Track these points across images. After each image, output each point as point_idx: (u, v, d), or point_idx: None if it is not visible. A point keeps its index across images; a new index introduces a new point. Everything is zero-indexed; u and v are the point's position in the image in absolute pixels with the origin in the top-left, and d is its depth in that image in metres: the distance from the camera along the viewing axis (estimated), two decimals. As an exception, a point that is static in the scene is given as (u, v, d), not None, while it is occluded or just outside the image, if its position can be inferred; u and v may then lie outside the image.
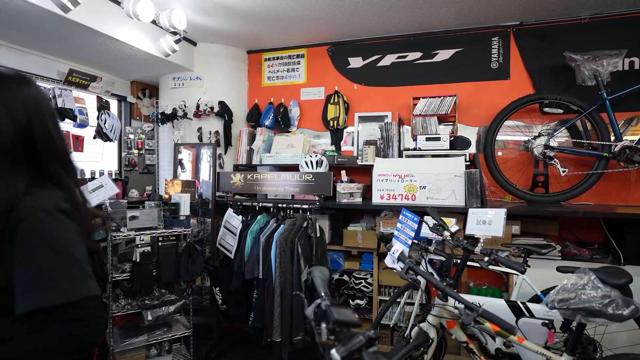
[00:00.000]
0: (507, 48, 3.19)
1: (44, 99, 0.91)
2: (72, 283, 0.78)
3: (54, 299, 0.75)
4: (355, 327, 1.04)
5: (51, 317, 0.77)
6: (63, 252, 0.79)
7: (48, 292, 0.75)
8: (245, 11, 2.92)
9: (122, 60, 3.22)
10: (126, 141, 3.87)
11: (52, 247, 0.78)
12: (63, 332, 0.77)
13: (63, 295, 0.76)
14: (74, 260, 0.80)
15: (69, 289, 0.77)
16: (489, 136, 3.01)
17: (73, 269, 0.80)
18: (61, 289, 0.76)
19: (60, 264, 0.78)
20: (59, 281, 0.77)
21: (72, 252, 0.81)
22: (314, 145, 3.64)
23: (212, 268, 2.88)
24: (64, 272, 0.78)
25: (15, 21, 2.36)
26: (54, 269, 0.77)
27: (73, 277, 0.79)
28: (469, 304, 1.42)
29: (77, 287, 0.79)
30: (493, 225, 2.05)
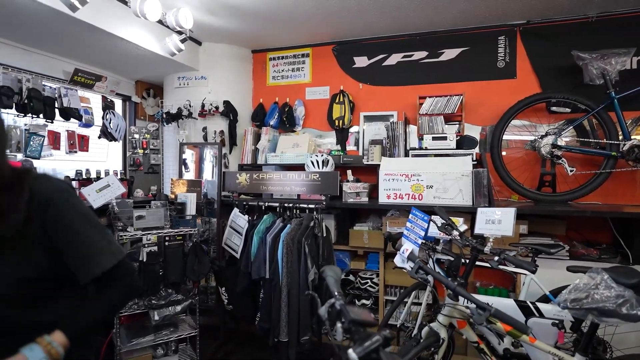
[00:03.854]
0: (514, 47, 3.17)
1: None
2: (114, 245, 0.91)
3: (111, 261, 0.88)
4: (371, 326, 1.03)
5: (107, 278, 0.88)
6: (94, 222, 0.90)
7: (104, 257, 0.87)
8: (250, 11, 2.91)
9: (127, 59, 3.21)
10: (131, 141, 3.87)
11: (87, 219, 0.88)
12: (122, 286, 0.90)
13: (114, 256, 0.89)
14: (103, 228, 0.92)
15: (115, 250, 0.90)
16: (496, 135, 2.99)
17: (108, 235, 0.92)
18: (110, 253, 0.88)
19: (98, 232, 0.89)
20: (106, 247, 0.89)
21: (98, 221, 0.92)
22: (319, 145, 3.63)
23: (218, 268, 2.88)
24: (104, 239, 0.90)
25: (22, 21, 2.36)
26: (98, 239, 0.88)
27: (111, 241, 0.91)
28: (481, 304, 1.40)
29: (117, 249, 0.91)
30: (503, 225, 2.04)
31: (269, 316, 2.59)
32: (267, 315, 2.61)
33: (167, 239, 2.55)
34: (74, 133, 3.21)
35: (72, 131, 3.19)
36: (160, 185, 3.89)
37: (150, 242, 2.46)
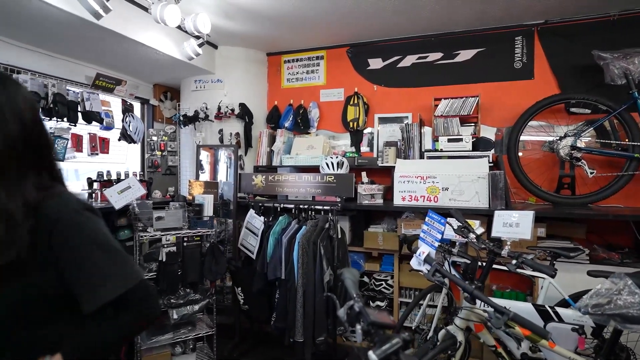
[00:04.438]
0: (531, 47, 3.13)
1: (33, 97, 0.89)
2: (126, 271, 0.83)
3: (117, 290, 0.80)
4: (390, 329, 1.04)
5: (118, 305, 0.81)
6: (106, 246, 0.83)
7: (110, 286, 0.79)
8: (265, 14, 2.95)
9: (146, 64, 3.29)
10: (149, 143, 3.96)
11: (97, 243, 0.82)
12: (134, 312, 0.83)
13: (122, 284, 0.81)
14: (117, 251, 0.84)
15: (126, 277, 0.82)
16: (513, 137, 2.96)
17: (122, 258, 0.84)
18: (119, 280, 0.81)
19: (109, 257, 0.82)
20: (115, 274, 0.81)
21: (113, 244, 0.85)
22: (333, 147, 3.65)
23: (234, 268, 2.92)
24: (116, 264, 0.82)
25: (50, 29, 2.45)
26: (107, 264, 0.81)
27: (124, 265, 0.84)
28: (500, 308, 1.40)
29: (131, 274, 0.84)
30: (520, 228, 2.02)
31: (285, 316, 2.62)
32: (282, 316, 2.64)
33: (185, 239, 2.60)
34: (96, 136, 3.31)
35: (94, 134, 3.29)
36: (178, 186, 3.97)
37: (169, 243, 2.51)
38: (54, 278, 0.79)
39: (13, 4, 2.11)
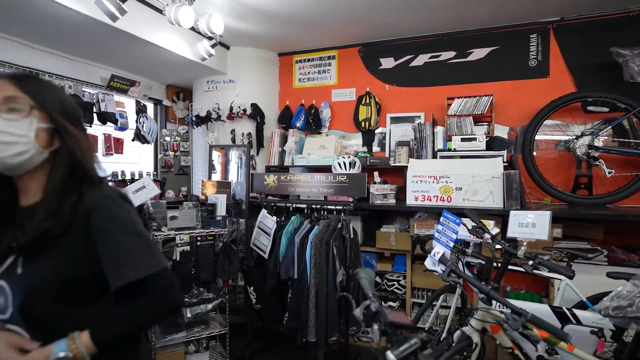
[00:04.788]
0: (547, 45, 3.08)
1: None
2: (150, 258, 0.89)
3: (141, 272, 0.85)
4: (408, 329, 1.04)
5: (140, 288, 0.86)
6: (135, 233, 0.89)
7: (134, 267, 0.85)
8: (277, 15, 2.96)
9: (159, 65, 3.33)
10: (162, 143, 4.00)
11: (126, 229, 0.88)
12: (153, 299, 0.88)
13: (146, 268, 0.86)
14: (145, 239, 0.91)
15: (150, 263, 0.88)
16: (528, 136, 2.92)
17: (148, 246, 0.90)
18: (144, 264, 0.87)
19: (136, 243, 0.88)
20: (140, 257, 0.87)
21: (142, 232, 0.91)
22: (345, 147, 3.65)
23: (246, 268, 2.93)
24: (142, 250, 0.88)
25: (67, 31, 2.50)
26: (133, 248, 0.87)
27: (149, 252, 0.90)
28: (517, 309, 1.38)
29: (155, 261, 0.89)
30: (537, 228, 1.98)
31: (297, 316, 2.62)
32: (295, 315, 2.64)
33: (198, 239, 2.63)
34: (110, 136, 3.36)
35: (109, 134, 3.34)
36: (190, 186, 4.01)
37: (183, 242, 2.54)
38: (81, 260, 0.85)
39: (33, 8, 2.15)
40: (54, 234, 0.83)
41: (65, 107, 0.90)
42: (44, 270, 0.83)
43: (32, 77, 0.90)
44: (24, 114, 0.84)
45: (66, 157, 0.88)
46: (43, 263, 0.83)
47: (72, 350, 0.81)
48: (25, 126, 0.83)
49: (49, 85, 0.91)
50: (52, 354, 0.80)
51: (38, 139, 0.85)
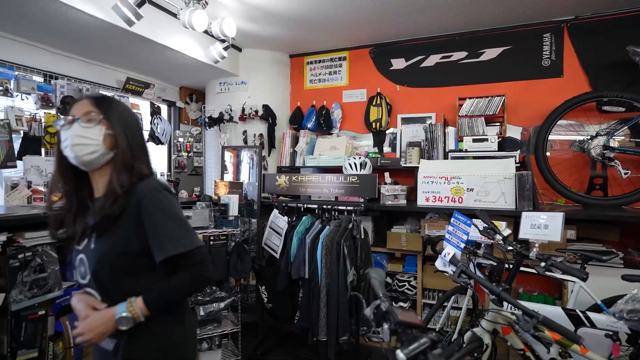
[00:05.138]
0: (560, 44, 3.04)
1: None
2: (187, 238, 1.10)
3: (179, 249, 1.07)
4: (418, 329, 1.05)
5: (179, 263, 1.09)
6: (176, 218, 1.11)
7: (174, 244, 1.07)
8: (289, 16, 2.99)
9: (173, 67, 3.39)
10: (176, 144, 4.07)
11: (168, 214, 1.10)
12: (191, 272, 1.10)
13: (183, 245, 1.08)
14: (184, 223, 1.12)
15: (187, 241, 1.09)
16: (541, 136, 2.89)
17: (185, 228, 1.12)
18: (181, 242, 1.08)
19: (177, 226, 1.10)
20: (179, 237, 1.09)
21: (181, 217, 1.13)
22: (356, 147, 3.66)
23: (258, 267, 2.97)
24: (180, 231, 1.10)
25: (85, 36, 2.57)
26: (174, 229, 1.09)
27: (186, 233, 1.11)
28: (528, 311, 1.38)
29: (191, 240, 1.10)
30: (549, 230, 1.97)
31: (308, 315, 2.64)
32: (306, 315, 2.67)
33: (211, 238, 2.67)
34: (126, 137, 3.43)
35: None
36: (203, 186, 4.07)
37: (196, 241, 2.58)
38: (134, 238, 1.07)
39: (55, 15, 2.23)
40: (113, 217, 1.06)
41: (125, 119, 1.15)
42: (106, 245, 1.07)
43: (103, 97, 1.17)
44: (96, 123, 1.09)
45: (122, 157, 1.11)
46: (106, 240, 1.07)
47: (130, 311, 1.04)
48: (96, 132, 1.09)
49: (113, 102, 1.16)
50: (116, 313, 1.03)
51: (105, 142, 1.10)
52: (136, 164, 1.13)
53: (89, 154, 1.08)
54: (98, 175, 1.14)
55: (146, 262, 1.09)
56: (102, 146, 1.09)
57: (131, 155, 1.12)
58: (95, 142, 1.08)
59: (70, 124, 1.10)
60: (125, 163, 1.11)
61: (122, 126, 1.13)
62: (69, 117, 1.11)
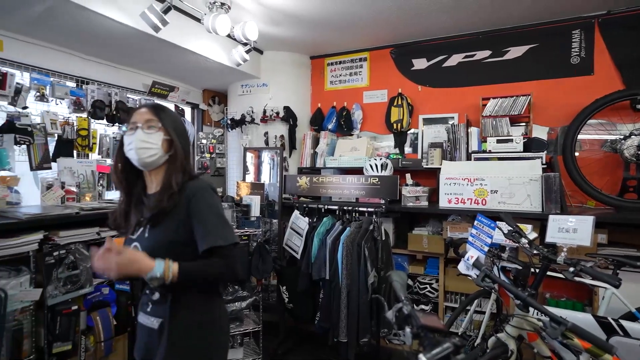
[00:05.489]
0: (591, 41, 2.93)
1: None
2: (227, 233, 1.23)
3: (219, 241, 1.20)
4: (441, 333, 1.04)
5: (217, 253, 1.21)
6: (219, 214, 1.26)
7: (216, 237, 1.20)
8: (309, 19, 3.01)
9: (196, 70, 3.47)
10: (199, 146, 4.16)
11: (213, 211, 1.24)
12: (224, 263, 1.21)
13: (223, 239, 1.21)
14: (225, 220, 1.27)
15: (227, 236, 1.22)
16: (569, 136, 2.79)
17: (227, 225, 1.26)
18: (222, 236, 1.21)
19: (219, 221, 1.24)
20: (221, 232, 1.22)
21: (223, 214, 1.27)
22: (377, 148, 3.64)
23: (279, 267, 3.00)
24: (222, 227, 1.23)
25: (113, 42, 2.67)
26: (217, 224, 1.23)
27: (227, 230, 1.25)
28: (556, 317, 1.34)
29: (230, 236, 1.24)
30: (579, 234, 1.90)
31: (329, 316, 2.65)
32: (326, 316, 2.68)
33: (233, 238, 2.72)
34: (152, 140, 3.53)
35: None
36: (225, 187, 4.14)
37: (219, 241, 2.63)
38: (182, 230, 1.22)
39: (86, 23, 2.32)
40: (167, 210, 1.21)
41: (177, 126, 1.30)
42: (159, 235, 1.22)
43: (160, 106, 1.32)
44: (156, 130, 1.25)
45: (174, 159, 1.26)
46: (159, 230, 1.22)
47: (164, 273, 1.13)
48: (156, 138, 1.25)
49: (168, 111, 1.32)
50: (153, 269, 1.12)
51: (162, 146, 1.26)
52: (187, 165, 1.30)
53: (150, 156, 1.24)
54: (154, 175, 1.29)
55: (191, 251, 1.22)
56: (160, 149, 1.25)
57: (184, 157, 1.29)
58: (155, 146, 1.24)
59: (134, 130, 1.24)
60: (181, 164, 1.27)
61: (177, 133, 1.28)
62: (131, 124, 1.26)
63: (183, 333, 1.22)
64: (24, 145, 2.36)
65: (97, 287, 2.17)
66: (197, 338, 1.24)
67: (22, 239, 1.81)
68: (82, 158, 2.79)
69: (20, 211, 1.99)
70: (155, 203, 1.22)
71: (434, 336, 1.00)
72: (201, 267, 1.21)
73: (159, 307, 1.25)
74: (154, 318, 1.25)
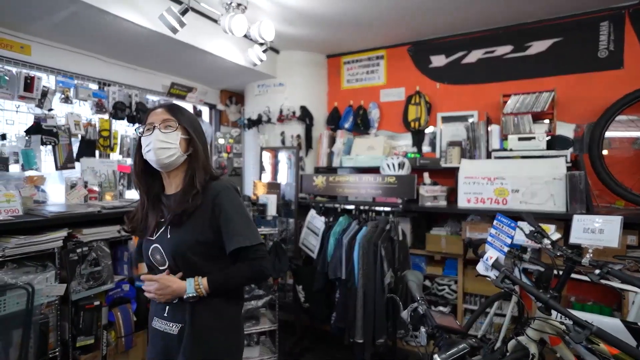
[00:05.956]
0: (620, 33, 2.81)
1: None
2: (253, 233, 1.23)
3: (245, 242, 1.19)
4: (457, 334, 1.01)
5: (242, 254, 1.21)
6: (244, 214, 1.25)
7: (242, 238, 1.20)
8: (326, 17, 3.00)
9: (214, 71, 3.52)
10: (216, 145, 4.22)
11: (238, 211, 1.23)
12: (253, 264, 1.22)
13: (249, 240, 1.20)
14: (250, 220, 1.26)
15: (252, 236, 1.22)
16: (596, 134, 2.68)
17: (252, 225, 1.26)
18: (247, 236, 1.20)
19: (244, 221, 1.23)
20: (247, 232, 1.21)
21: (248, 214, 1.27)
22: (394, 147, 3.60)
23: (295, 267, 3.01)
24: (248, 227, 1.23)
25: (133, 44, 2.73)
26: (243, 224, 1.22)
27: (252, 229, 1.24)
28: (581, 321, 1.28)
29: (256, 236, 1.23)
30: (605, 235, 1.82)
31: (345, 316, 2.64)
32: (342, 316, 2.66)
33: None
34: (171, 140, 3.60)
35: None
36: (242, 186, 4.18)
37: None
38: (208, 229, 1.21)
39: (107, 26, 2.39)
40: (191, 210, 1.19)
41: (194, 125, 1.27)
42: (183, 235, 1.20)
43: (176, 106, 1.30)
44: (174, 129, 1.22)
45: (195, 158, 1.25)
46: (183, 230, 1.20)
47: (196, 290, 1.16)
48: (174, 137, 1.21)
49: (183, 110, 1.29)
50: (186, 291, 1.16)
51: (181, 146, 1.23)
52: (208, 165, 1.28)
53: (169, 156, 1.21)
54: (173, 176, 1.27)
55: (218, 250, 1.23)
56: (179, 149, 1.22)
57: (204, 155, 1.27)
58: (174, 146, 1.21)
59: (151, 131, 1.22)
60: (203, 163, 1.25)
61: (194, 131, 1.26)
62: (148, 125, 1.23)
63: (206, 336, 1.21)
64: (50, 146, 2.44)
65: (117, 284, 2.23)
66: (220, 340, 1.23)
67: (47, 236, 1.88)
68: (104, 158, 2.86)
69: (46, 209, 2.06)
70: (178, 204, 1.20)
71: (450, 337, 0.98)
72: (229, 275, 1.21)
73: (177, 311, 1.23)
74: (173, 323, 1.23)
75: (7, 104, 2.38)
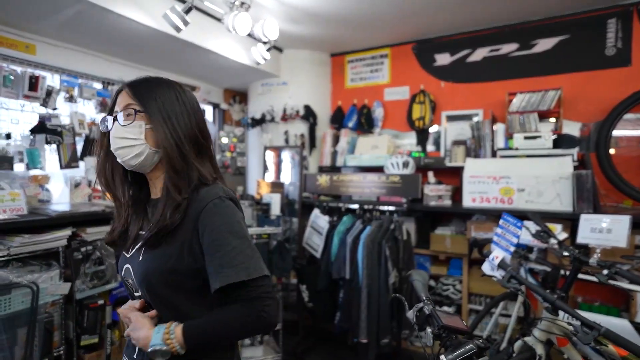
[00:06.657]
0: (628, 30, 2.77)
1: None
2: (252, 262, 0.85)
3: (241, 275, 0.82)
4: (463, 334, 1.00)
5: (236, 292, 0.84)
6: (239, 235, 0.87)
7: (233, 271, 0.83)
8: (329, 16, 2.98)
9: (217, 70, 3.52)
10: (220, 145, 4.22)
11: (232, 230, 0.86)
12: (250, 307, 0.84)
13: (245, 272, 0.83)
14: (247, 242, 0.88)
15: (251, 267, 0.84)
16: (603, 132, 2.65)
17: (251, 249, 0.87)
18: (245, 267, 0.83)
19: (240, 244, 0.85)
20: (243, 260, 0.84)
21: (246, 235, 0.89)
22: (398, 146, 3.58)
23: (299, 266, 3.00)
24: (244, 253, 0.85)
25: (137, 44, 2.74)
26: (236, 249, 0.84)
27: (252, 257, 0.86)
28: (588, 321, 1.26)
29: (255, 266, 0.85)
30: (613, 234, 1.80)
31: (349, 316, 2.63)
32: (346, 315, 2.65)
33: (254, 237, 2.73)
34: (175, 139, 3.61)
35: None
36: (246, 186, 4.18)
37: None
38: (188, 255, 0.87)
39: (110, 25, 2.39)
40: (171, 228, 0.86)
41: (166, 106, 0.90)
42: (155, 260, 0.87)
43: (142, 81, 0.94)
44: (134, 119, 0.88)
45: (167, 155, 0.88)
46: (156, 254, 0.88)
47: (167, 343, 0.82)
48: (136, 130, 0.88)
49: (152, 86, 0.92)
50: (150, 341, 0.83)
51: (147, 139, 0.89)
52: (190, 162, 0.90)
53: (135, 156, 0.88)
54: (155, 177, 0.95)
55: (199, 284, 0.88)
56: (146, 145, 0.89)
57: (179, 152, 0.88)
58: (138, 142, 0.88)
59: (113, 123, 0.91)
60: (173, 162, 0.88)
61: (163, 116, 0.89)
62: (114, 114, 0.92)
63: None
64: (54, 145, 2.45)
65: (121, 283, 2.23)
66: None
67: (52, 234, 1.88)
68: (109, 157, 2.87)
69: (50, 208, 2.07)
70: (156, 218, 0.88)
71: (456, 337, 0.97)
72: (215, 324, 0.85)
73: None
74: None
75: (12, 103, 2.39)
